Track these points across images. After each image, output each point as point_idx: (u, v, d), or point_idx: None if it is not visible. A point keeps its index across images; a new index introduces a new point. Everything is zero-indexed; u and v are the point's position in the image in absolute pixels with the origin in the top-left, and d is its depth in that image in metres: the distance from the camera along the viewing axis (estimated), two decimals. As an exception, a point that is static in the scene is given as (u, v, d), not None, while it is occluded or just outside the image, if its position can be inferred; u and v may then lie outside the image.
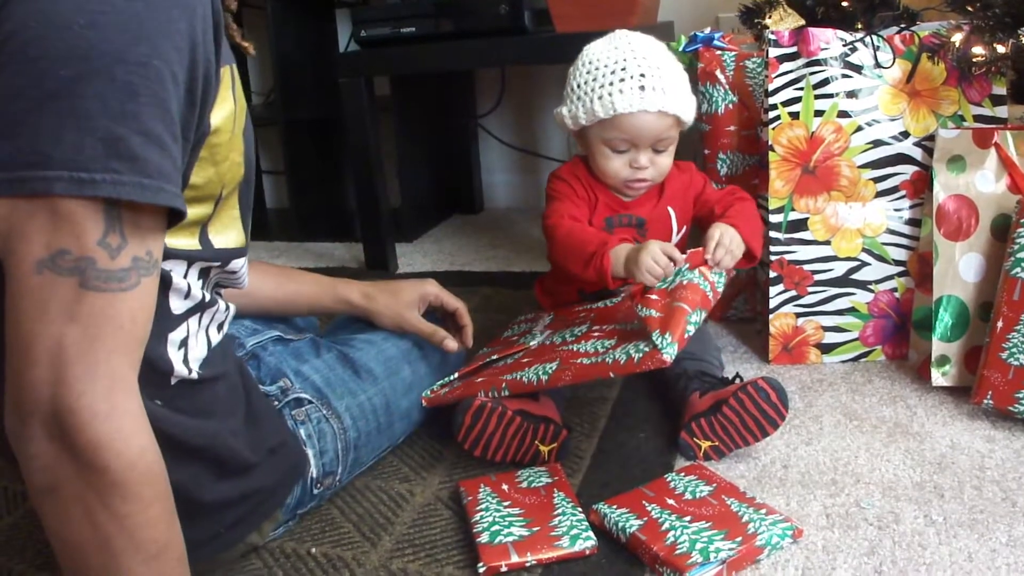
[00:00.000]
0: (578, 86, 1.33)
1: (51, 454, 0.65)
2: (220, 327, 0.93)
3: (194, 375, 0.86)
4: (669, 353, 1.07)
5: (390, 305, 1.28)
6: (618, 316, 1.26)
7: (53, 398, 0.64)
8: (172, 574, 0.73)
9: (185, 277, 0.83)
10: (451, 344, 1.26)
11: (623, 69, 1.28)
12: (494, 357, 1.29)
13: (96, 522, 0.67)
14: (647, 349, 1.09)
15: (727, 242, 1.24)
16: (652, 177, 1.35)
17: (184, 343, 0.85)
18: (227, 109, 0.79)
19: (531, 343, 1.31)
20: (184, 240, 0.81)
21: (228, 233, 0.87)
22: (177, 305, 0.83)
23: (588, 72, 1.32)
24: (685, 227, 1.44)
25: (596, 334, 1.22)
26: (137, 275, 0.68)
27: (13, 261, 0.65)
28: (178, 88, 0.70)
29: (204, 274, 0.87)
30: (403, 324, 1.27)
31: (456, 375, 1.27)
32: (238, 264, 0.91)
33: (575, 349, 1.19)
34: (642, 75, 1.28)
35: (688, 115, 1.33)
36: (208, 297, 0.88)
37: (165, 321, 0.82)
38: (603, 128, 1.32)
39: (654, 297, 1.17)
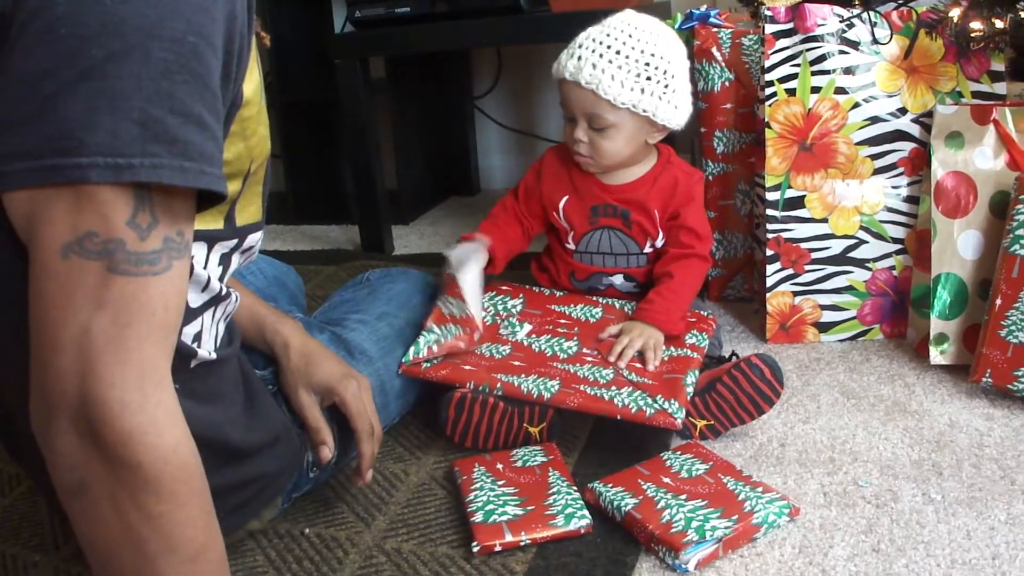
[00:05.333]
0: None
1: (79, 450, 0.61)
2: (227, 316, 0.91)
3: (213, 356, 0.84)
4: (679, 417, 1.09)
5: (296, 371, 1.04)
6: (603, 347, 1.25)
7: (81, 389, 0.60)
8: None
9: (205, 267, 0.80)
10: (325, 453, 1.01)
11: (584, 38, 1.28)
12: (480, 348, 1.27)
13: (129, 523, 0.62)
14: (657, 407, 1.10)
15: (639, 347, 1.22)
16: (589, 155, 1.32)
17: (198, 337, 0.82)
18: (255, 79, 0.75)
19: (517, 335, 1.30)
20: (209, 221, 0.78)
21: (249, 208, 0.84)
22: (194, 298, 0.80)
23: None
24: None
25: (589, 359, 1.22)
26: (168, 257, 0.63)
27: (37, 246, 0.60)
28: (217, 62, 0.65)
29: (224, 260, 0.83)
30: (293, 400, 1.04)
31: (436, 351, 1.22)
32: (255, 239, 0.87)
33: (573, 371, 1.19)
34: (582, 46, 1.27)
35: (612, 96, 1.24)
36: (225, 290, 0.84)
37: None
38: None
39: (638, 365, 1.20)
